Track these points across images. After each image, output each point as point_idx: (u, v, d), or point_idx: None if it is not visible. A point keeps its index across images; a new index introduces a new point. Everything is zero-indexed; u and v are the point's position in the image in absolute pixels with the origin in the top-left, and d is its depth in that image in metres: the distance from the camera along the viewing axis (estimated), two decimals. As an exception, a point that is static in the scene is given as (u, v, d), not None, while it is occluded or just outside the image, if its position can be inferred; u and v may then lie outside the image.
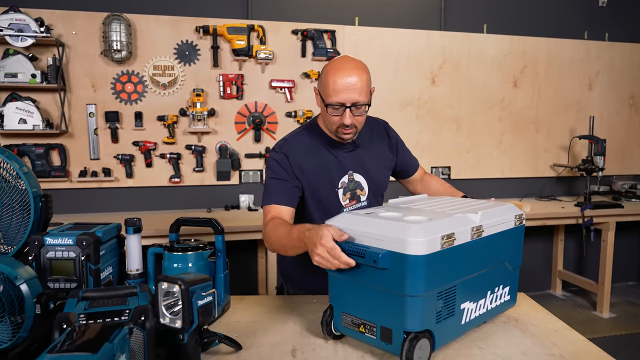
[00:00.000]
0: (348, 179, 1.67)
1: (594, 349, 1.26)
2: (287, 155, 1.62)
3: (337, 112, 1.52)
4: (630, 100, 4.52)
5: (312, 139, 1.67)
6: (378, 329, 1.15)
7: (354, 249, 1.14)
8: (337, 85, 1.48)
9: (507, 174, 4.28)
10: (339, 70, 1.50)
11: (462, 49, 4.06)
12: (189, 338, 1.07)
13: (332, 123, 1.55)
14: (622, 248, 4.51)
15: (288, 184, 1.60)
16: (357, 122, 1.54)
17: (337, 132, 1.58)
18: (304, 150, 1.65)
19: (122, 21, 3.29)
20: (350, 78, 1.48)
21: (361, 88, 1.48)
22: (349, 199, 1.68)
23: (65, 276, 1.24)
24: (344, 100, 1.48)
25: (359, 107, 1.51)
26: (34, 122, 3.18)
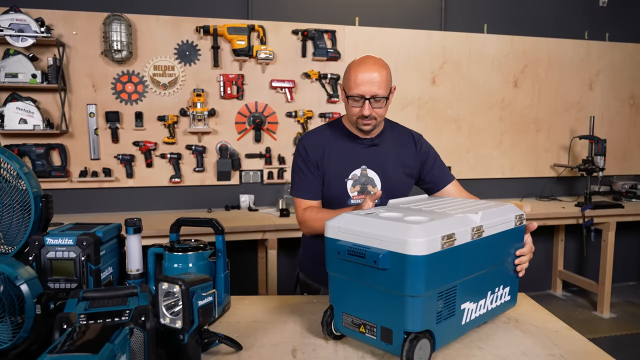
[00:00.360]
0: (360, 172, 1.76)
1: (595, 349, 1.26)
2: (306, 147, 1.78)
3: (357, 104, 1.65)
4: (631, 100, 4.52)
5: (332, 132, 1.82)
6: (378, 330, 1.15)
7: (355, 249, 1.14)
8: (358, 78, 1.61)
9: (508, 174, 4.28)
10: (360, 65, 1.64)
11: (463, 49, 4.06)
12: (190, 338, 1.06)
13: (353, 114, 1.68)
14: (623, 248, 4.51)
15: (313, 177, 1.77)
16: (376, 114, 1.66)
17: (357, 124, 1.70)
18: (322, 140, 1.79)
19: (122, 21, 3.30)
20: (371, 73, 1.61)
21: (380, 82, 1.61)
22: (358, 192, 1.76)
23: (66, 276, 1.24)
24: (364, 93, 1.61)
25: (377, 100, 1.63)
26: (34, 122, 3.19)
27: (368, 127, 1.69)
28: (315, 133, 1.84)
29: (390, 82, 1.67)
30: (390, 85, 1.68)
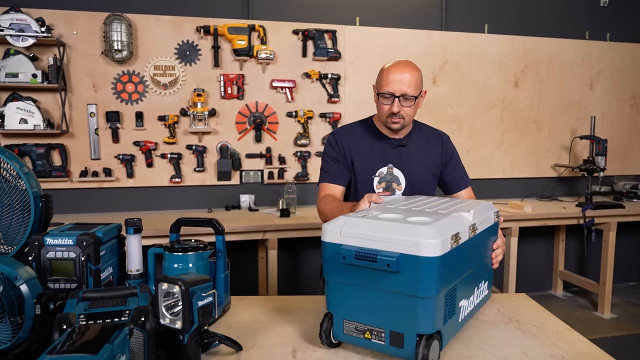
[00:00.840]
0: (387, 171, 1.84)
1: (596, 350, 1.25)
2: (336, 138, 1.88)
3: (387, 102, 1.72)
4: (632, 100, 4.52)
5: (362, 129, 1.90)
6: (387, 334, 1.11)
7: (363, 253, 1.09)
8: (390, 77, 1.70)
9: (509, 174, 4.27)
10: (393, 65, 1.73)
11: (463, 49, 4.06)
12: (189, 339, 1.06)
13: (383, 112, 1.75)
14: (624, 248, 4.51)
15: (339, 165, 1.85)
16: (405, 113, 1.72)
17: (387, 122, 1.77)
18: (352, 136, 1.88)
19: (123, 21, 3.29)
20: (402, 73, 1.69)
21: (410, 82, 1.69)
22: (384, 188, 1.84)
23: (66, 276, 1.24)
24: (394, 91, 1.69)
25: (407, 99, 1.70)
26: (34, 122, 3.18)
27: (397, 126, 1.76)
28: (346, 128, 1.93)
29: (421, 85, 1.75)
30: (421, 87, 1.75)
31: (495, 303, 1.58)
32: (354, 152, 1.86)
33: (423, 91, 1.78)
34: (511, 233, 3.53)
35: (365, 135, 1.88)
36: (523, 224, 3.59)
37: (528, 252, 4.33)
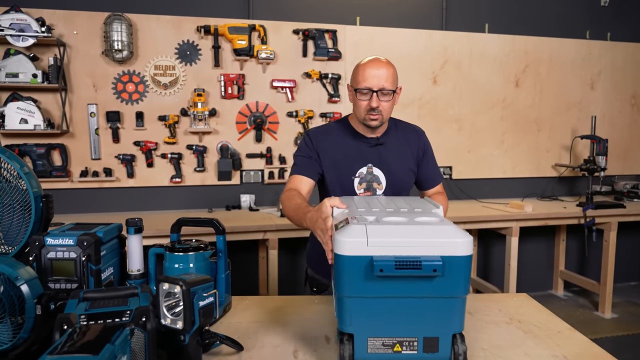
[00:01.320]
0: (367, 170, 1.81)
1: (598, 351, 1.25)
2: (311, 138, 1.84)
3: (365, 97, 1.71)
4: (633, 99, 4.51)
5: (338, 129, 1.87)
6: (420, 342, 1.08)
7: (405, 261, 1.02)
8: (366, 72, 1.69)
9: (509, 173, 4.27)
10: (368, 62, 1.72)
11: (464, 49, 4.05)
12: (190, 339, 1.06)
13: (361, 109, 1.73)
14: (624, 248, 4.51)
15: (310, 160, 1.81)
16: (383, 108, 1.71)
17: (365, 119, 1.74)
18: (329, 137, 1.84)
19: (123, 21, 3.29)
20: (378, 68, 1.69)
21: (387, 77, 1.69)
22: (364, 189, 1.81)
23: (66, 277, 1.24)
24: (372, 85, 1.68)
25: (385, 94, 1.69)
26: (35, 122, 3.18)
27: (375, 123, 1.73)
28: (322, 129, 1.90)
29: (397, 81, 1.74)
30: (397, 83, 1.74)
31: (497, 303, 1.58)
32: (330, 154, 1.81)
33: (399, 87, 1.77)
34: (512, 233, 3.53)
35: (342, 136, 1.85)
36: (524, 223, 3.58)
37: (529, 252, 4.33)
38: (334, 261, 1.08)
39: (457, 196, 4.14)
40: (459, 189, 4.14)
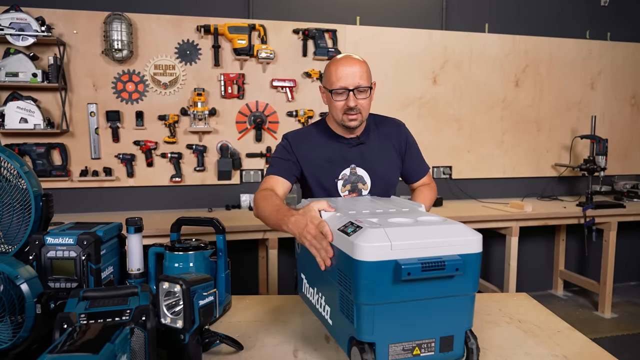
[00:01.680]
0: (350, 172, 1.77)
1: (597, 350, 1.25)
2: (290, 142, 1.79)
3: (341, 97, 1.65)
4: (633, 99, 4.51)
5: (318, 132, 1.82)
6: (437, 342, 1.08)
7: (430, 263, 1.01)
8: (339, 72, 1.63)
9: (509, 173, 4.27)
10: (340, 60, 1.67)
11: (464, 49, 4.05)
12: (190, 338, 1.06)
13: (338, 110, 1.67)
14: (624, 248, 4.51)
15: (288, 162, 1.76)
16: (361, 106, 1.66)
17: (343, 120, 1.69)
18: (308, 141, 1.79)
19: (123, 20, 3.29)
20: (351, 66, 1.64)
21: (362, 74, 1.63)
22: (349, 190, 1.77)
23: (66, 276, 1.24)
24: (347, 84, 1.62)
25: (361, 91, 1.64)
26: (35, 122, 3.18)
27: (355, 123, 1.68)
28: (300, 132, 1.84)
29: (371, 76, 1.69)
30: (371, 78, 1.69)
31: (497, 303, 1.58)
32: (311, 159, 1.76)
33: (373, 82, 1.71)
34: (512, 232, 3.53)
35: (321, 139, 1.79)
36: (523, 223, 3.58)
37: (528, 251, 4.33)
38: (353, 268, 1.02)
39: (457, 196, 4.14)
40: (458, 189, 4.14)
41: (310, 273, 1.37)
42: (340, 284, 1.10)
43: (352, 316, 1.06)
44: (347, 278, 1.05)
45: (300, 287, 1.45)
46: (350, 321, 1.07)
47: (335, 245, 1.12)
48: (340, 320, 1.14)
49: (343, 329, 1.13)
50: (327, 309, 1.23)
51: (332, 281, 1.15)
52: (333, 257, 1.13)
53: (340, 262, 1.09)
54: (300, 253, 1.43)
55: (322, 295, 1.27)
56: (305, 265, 1.41)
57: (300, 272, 1.45)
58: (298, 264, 1.47)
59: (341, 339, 1.16)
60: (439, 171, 4.10)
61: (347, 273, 1.05)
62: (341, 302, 1.11)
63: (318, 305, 1.30)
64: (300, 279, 1.44)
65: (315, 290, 1.31)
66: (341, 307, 1.12)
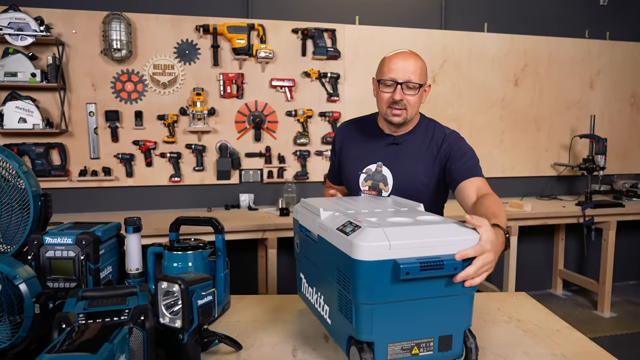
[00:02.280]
0: (376, 168, 1.72)
1: (596, 349, 1.25)
2: (337, 132, 1.90)
3: (389, 89, 1.61)
4: (632, 99, 4.51)
5: (362, 123, 1.84)
6: (436, 342, 1.08)
7: (428, 262, 1.01)
8: (392, 64, 1.60)
9: (508, 173, 4.27)
10: (396, 53, 1.63)
11: (463, 48, 4.05)
12: (189, 338, 1.06)
13: (384, 102, 1.63)
14: (623, 247, 4.51)
15: (333, 164, 1.90)
16: (407, 102, 1.60)
17: (387, 114, 1.64)
18: (350, 130, 1.85)
19: (122, 20, 3.29)
20: (405, 59, 1.60)
21: (415, 70, 1.58)
22: (369, 187, 1.72)
23: (65, 275, 1.24)
24: (397, 77, 1.58)
25: (410, 87, 1.59)
26: (33, 121, 3.18)
27: (398, 119, 1.62)
28: (350, 121, 1.90)
29: (426, 75, 1.64)
30: (426, 78, 1.64)
31: (496, 302, 1.58)
32: (346, 147, 1.82)
33: (428, 84, 1.66)
34: (511, 232, 3.53)
35: (362, 130, 1.80)
36: (523, 223, 3.59)
37: (528, 251, 4.33)
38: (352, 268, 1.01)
39: (456, 195, 4.14)
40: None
41: (309, 272, 1.35)
42: (339, 283, 1.09)
43: (350, 315, 1.06)
44: (346, 277, 1.05)
45: (300, 287, 1.45)
46: (349, 320, 1.07)
47: (334, 244, 1.11)
48: (339, 320, 1.14)
49: (342, 328, 1.12)
50: (326, 309, 1.22)
51: (331, 281, 1.14)
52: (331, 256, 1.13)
53: (339, 261, 1.08)
54: (300, 253, 1.43)
55: (321, 294, 1.26)
56: (304, 265, 1.40)
57: (299, 271, 1.45)
58: (297, 264, 1.47)
59: (340, 338, 1.15)
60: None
61: (345, 273, 1.05)
62: (340, 301, 1.11)
63: (317, 304, 1.29)
64: (299, 279, 1.44)
65: (314, 290, 1.31)
66: (340, 307, 1.11)
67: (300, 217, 1.39)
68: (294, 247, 1.48)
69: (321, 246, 1.20)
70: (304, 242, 1.37)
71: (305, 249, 1.37)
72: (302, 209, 1.39)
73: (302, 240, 1.38)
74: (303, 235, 1.37)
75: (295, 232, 1.45)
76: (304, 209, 1.38)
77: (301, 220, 1.38)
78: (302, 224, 1.37)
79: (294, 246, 1.49)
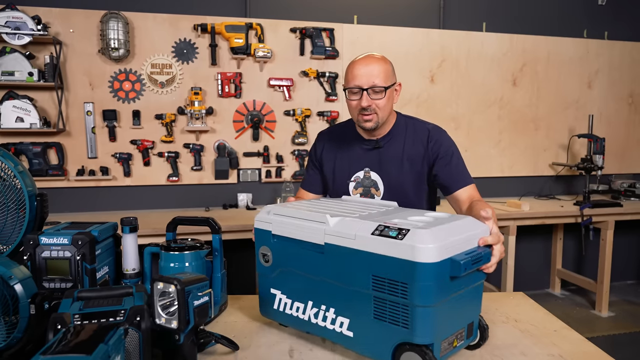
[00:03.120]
0: (364, 175, 1.73)
1: (594, 349, 1.25)
2: (317, 139, 1.87)
3: (356, 97, 1.62)
4: (630, 99, 4.52)
5: (343, 131, 1.82)
6: (465, 330, 1.15)
7: (474, 256, 1.05)
8: (355, 70, 1.60)
9: (507, 172, 4.27)
10: (358, 59, 1.64)
11: (461, 48, 4.05)
12: (185, 338, 1.06)
13: (353, 109, 1.65)
14: (621, 247, 4.51)
15: (315, 171, 1.85)
16: (376, 106, 1.61)
17: (359, 121, 1.65)
18: (333, 138, 1.82)
19: (119, 19, 3.28)
20: (368, 64, 1.60)
21: (379, 73, 1.59)
22: (361, 194, 1.73)
23: (61, 276, 1.23)
24: (361, 83, 1.58)
25: (376, 91, 1.59)
26: (31, 121, 3.17)
27: (369, 124, 1.63)
28: (328, 129, 1.90)
29: (392, 76, 1.65)
30: (393, 79, 1.65)
31: (493, 302, 1.58)
32: (328, 157, 1.80)
33: (397, 83, 1.67)
34: (509, 232, 3.53)
35: (341, 138, 1.78)
36: (521, 222, 3.59)
37: (526, 250, 4.33)
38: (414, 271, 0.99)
39: (455, 195, 4.14)
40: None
41: (295, 287, 1.25)
42: (380, 290, 1.06)
43: (399, 321, 1.04)
44: (397, 283, 1.02)
45: (269, 305, 1.32)
46: (396, 326, 1.04)
47: (370, 251, 1.06)
48: (374, 329, 1.09)
49: (379, 337, 1.08)
50: (340, 321, 1.16)
51: (358, 290, 1.10)
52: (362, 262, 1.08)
53: (382, 267, 1.04)
54: (273, 266, 1.29)
55: (327, 307, 1.18)
56: (282, 279, 1.28)
57: (269, 287, 1.31)
58: (264, 279, 1.32)
59: (374, 348, 1.10)
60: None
61: (397, 278, 1.02)
62: (379, 309, 1.07)
63: (318, 319, 1.21)
64: (269, 295, 1.31)
65: (310, 305, 1.22)
66: (379, 314, 1.07)
67: (275, 227, 1.27)
68: (258, 261, 1.33)
69: (333, 255, 1.13)
70: (284, 253, 1.26)
71: (289, 261, 1.25)
72: (278, 216, 1.27)
73: (279, 251, 1.27)
74: (280, 246, 1.26)
75: (262, 244, 1.31)
76: (280, 216, 1.27)
77: (276, 230, 1.26)
78: (280, 233, 1.26)
79: (257, 262, 1.34)
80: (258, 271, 1.34)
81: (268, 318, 1.36)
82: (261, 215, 1.31)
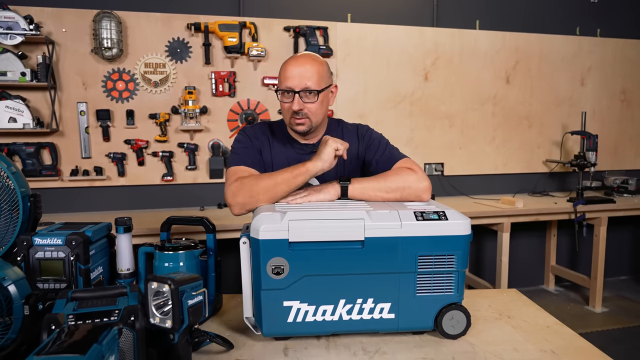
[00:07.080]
0: None
1: (585, 344, 1.26)
2: (249, 134, 1.64)
3: (287, 99, 1.52)
4: (622, 95, 4.54)
5: (276, 131, 1.67)
6: None
7: None
8: (287, 71, 1.51)
9: (501, 169, 4.29)
10: (291, 59, 1.54)
11: (455, 45, 4.06)
12: (180, 338, 1.06)
13: (286, 112, 1.56)
14: (615, 243, 4.55)
15: (253, 152, 1.60)
16: (308, 110, 1.52)
17: (291, 124, 1.56)
18: (267, 140, 1.65)
19: (112, 18, 3.27)
20: (302, 65, 1.51)
21: (312, 75, 1.50)
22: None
23: (55, 276, 1.23)
24: (293, 85, 1.50)
25: (309, 94, 1.50)
26: (24, 121, 3.16)
27: (302, 128, 1.54)
28: (258, 126, 1.68)
29: (327, 78, 1.55)
30: (328, 81, 1.56)
31: (486, 299, 1.59)
32: (265, 152, 1.63)
33: (332, 85, 1.58)
34: (503, 228, 3.55)
35: (277, 140, 1.64)
36: (515, 219, 3.61)
37: (520, 247, 4.35)
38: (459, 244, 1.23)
39: (449, 192, 4.16)
40: (450, 185, 4.16)
41: (319, 290, 1.22)
42: (424, 267, 1.23)
43: (444, 288, 1.26)
44: (443, 256, 1.24)
45: (283, 320, 1.22)
46: (440, 294, 1.26)
47: (416, 235, 1.22)
48: (415, 304, 1.25)
49: (422, 308, 1.26)
50: (379, 308, 1.25)
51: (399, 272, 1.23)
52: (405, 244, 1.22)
53: (428, 246, 1.22)
54: (288, 276, 1.20)
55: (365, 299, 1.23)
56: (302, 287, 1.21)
57: (280, 302, 1.21)
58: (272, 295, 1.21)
59: (417, 319, 1.27)
60: (431, 168, 4.11)
61: (443, 252, 1.23)
62: (422, 283, 1.25)
63: (349, 315, 1.23)
64: (282, 311, 1.22)
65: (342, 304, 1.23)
66: (421, 288, 1.25)
67: (294, 234, 1.17)
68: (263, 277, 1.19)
69: (375, 247, 1.21)
70: (306, 259, 1.19)
71: (313, 266, 1.20)
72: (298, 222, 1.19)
73: (300, 259, 1.19)
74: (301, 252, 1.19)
75: (271, 256, 1.18)
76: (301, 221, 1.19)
77: (296, 237, 1.18)
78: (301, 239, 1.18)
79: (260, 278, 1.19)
80: (262, 287, 1.19)
81: (278, 336, 1.27)
82: (268, 225, 1.18)
